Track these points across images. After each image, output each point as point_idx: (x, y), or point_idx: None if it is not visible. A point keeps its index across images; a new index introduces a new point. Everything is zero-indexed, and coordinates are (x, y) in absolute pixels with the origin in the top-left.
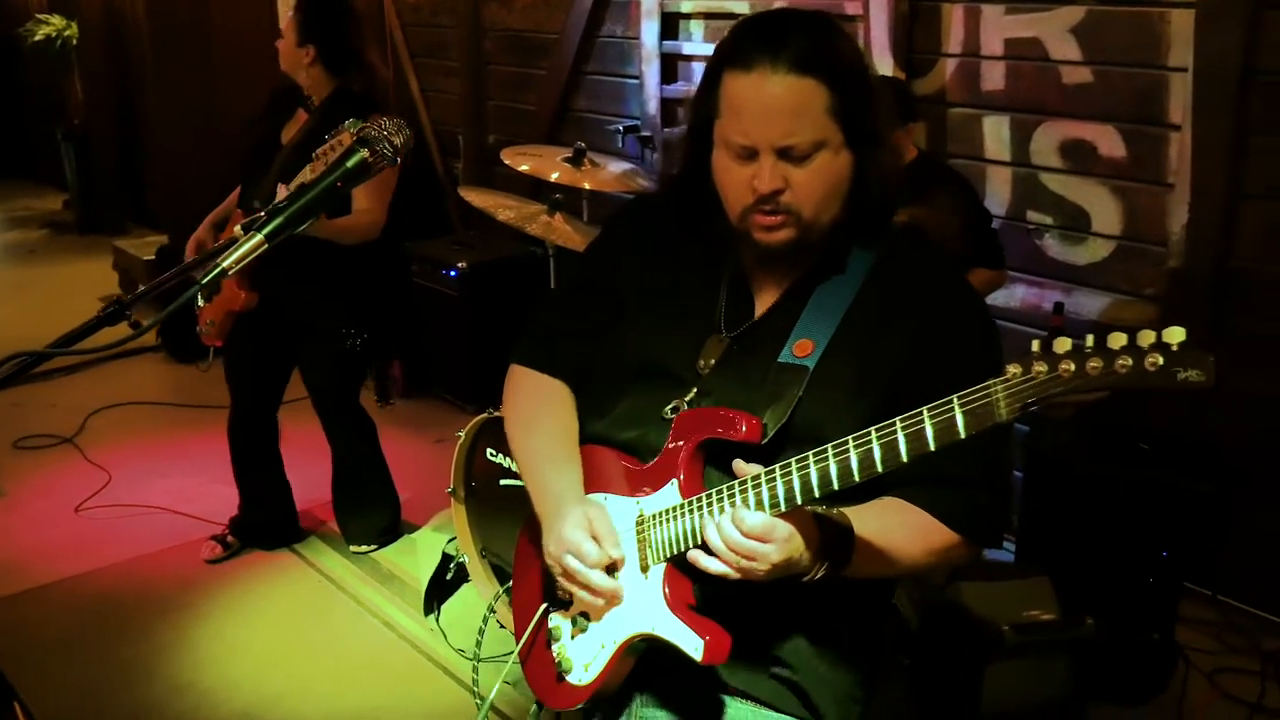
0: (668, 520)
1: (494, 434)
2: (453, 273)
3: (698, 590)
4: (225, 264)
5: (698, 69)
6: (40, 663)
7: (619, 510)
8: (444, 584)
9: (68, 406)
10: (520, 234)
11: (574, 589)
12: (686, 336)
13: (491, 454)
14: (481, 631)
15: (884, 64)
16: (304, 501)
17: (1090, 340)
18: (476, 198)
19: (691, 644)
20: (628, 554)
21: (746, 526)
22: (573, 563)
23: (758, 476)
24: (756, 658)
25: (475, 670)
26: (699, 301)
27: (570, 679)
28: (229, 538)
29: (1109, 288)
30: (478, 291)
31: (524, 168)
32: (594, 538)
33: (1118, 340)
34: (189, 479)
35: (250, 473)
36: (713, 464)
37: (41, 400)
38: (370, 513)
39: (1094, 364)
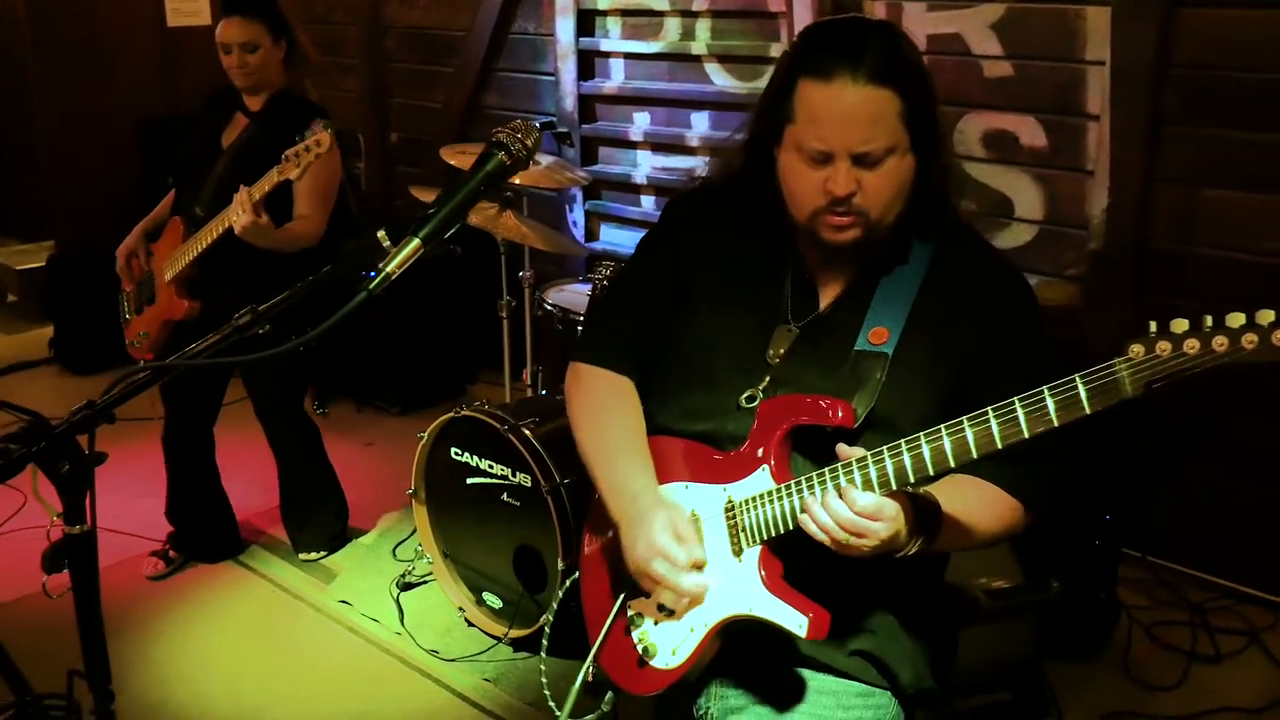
0: (763, 504)
1: (459, 433)
2: (372, 274)
3: (790, 570)
4: (389, 268)
5: (615, 65)
6: None
7: (703, 498)
8: (410, 588)
9: None
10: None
11: (661, 591)
12: (754, 328)
13: (457, 453)
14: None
15: None
16: (241, 512)
17: (1209, 320)
18: (430, 198)
19: (795, 621)
20: (718, 539)
21: (859, 506)
22: (662, 567)
23: (864, 458)
24: (840, 631)
25: (543, 674)
26: (764, 294)
27: (655, 663)
28: (170, 552)
29: (1033, 270)
30: (397, 293)
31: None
32: (678, 540)
33: (1237, 319)
34: (113, 495)
35: (188, 487)
36: (796, 450)
37: None
38: (320, 519)
39: (1219, 341)
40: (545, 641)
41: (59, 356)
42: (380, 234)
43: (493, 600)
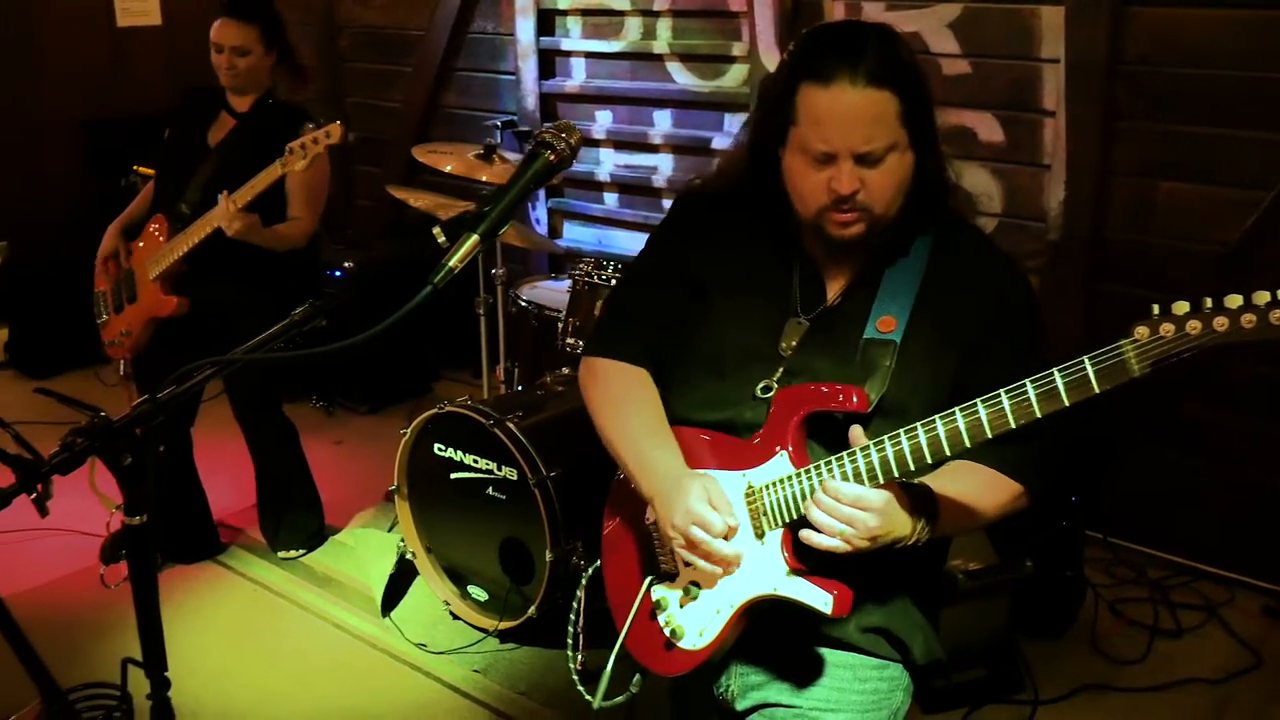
0: (782, 488)
1: (442, 430)
2: (337, 273)
3: (812, 551)
4: (451, 262)
5: (576, 64)
6: None
7: (725, 484)
8: (397, 586)
9: None
10: (401, 233)
11: (696, 559)
12: (766, 320)
13: (440, 449)
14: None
15: (771, 59)
16: (217, 512)
17: (1209, 301)
18: (413, 198)
19: (820, 599)
20: (740, 523)
21: (843, 495)
22: (698, 533)
23: (879, 442)
24: (855, 609)
25: (571, 661)
26: (773, 288)
27: (683, 645)
28: None
29: None
30: (364, 292)
31: (448, 168)
32: (713, 507)
33: (1234, 300)
34: (81, 498)
35: (167, 490)
36: (810, 437)
37: None
38: (298, 517)
39: (1220, 321)
40: (571, 629)
41: (14, 360)
42: (435, 230)
43: (478, 593)
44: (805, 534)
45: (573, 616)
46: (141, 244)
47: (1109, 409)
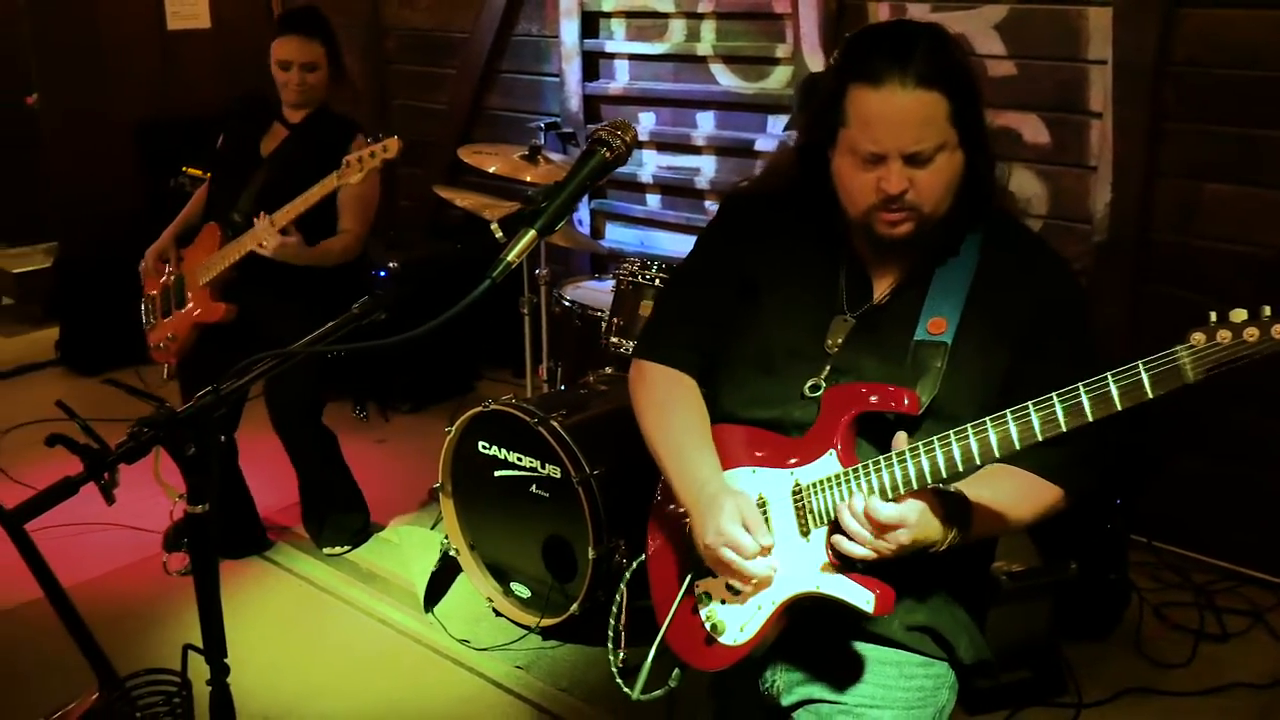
0: (830, 487)
1: (486, 427)
2: (382, 272)
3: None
4: (509, 257)
5: (620, 66)
6: (28, 689)
7: (771, 481)
8: (440, 581)
9: None
10: (442, 233)
11: (728, 576)
12: (812, 318)
13: (484, 447)
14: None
15: (815, 60)
16: (263, 509)
17: (1267, 310)
18: (458, 198)
19: (862, 598)
20: (785, 520)
21: (881, 517)
22: (729, 554)
23: (929, 443)
24: (900, 607)
25: (618, 665)
26: (821, 286)
27: (723, 640)
28: None
29: None
30: (407, 291)
31: (492, 169)
32: (745, 528)
33: None
34: (130, 493)
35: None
36: (860, 436)
37: None
38: (341, 517)
39: (1279, 329)
40: (613, 624)
41: (65, 358)
42: (493, 226)
43: (521, 590)
44: (837, 539)
45: (615, 610)
46: (194, 251)
47: (1155, 414)
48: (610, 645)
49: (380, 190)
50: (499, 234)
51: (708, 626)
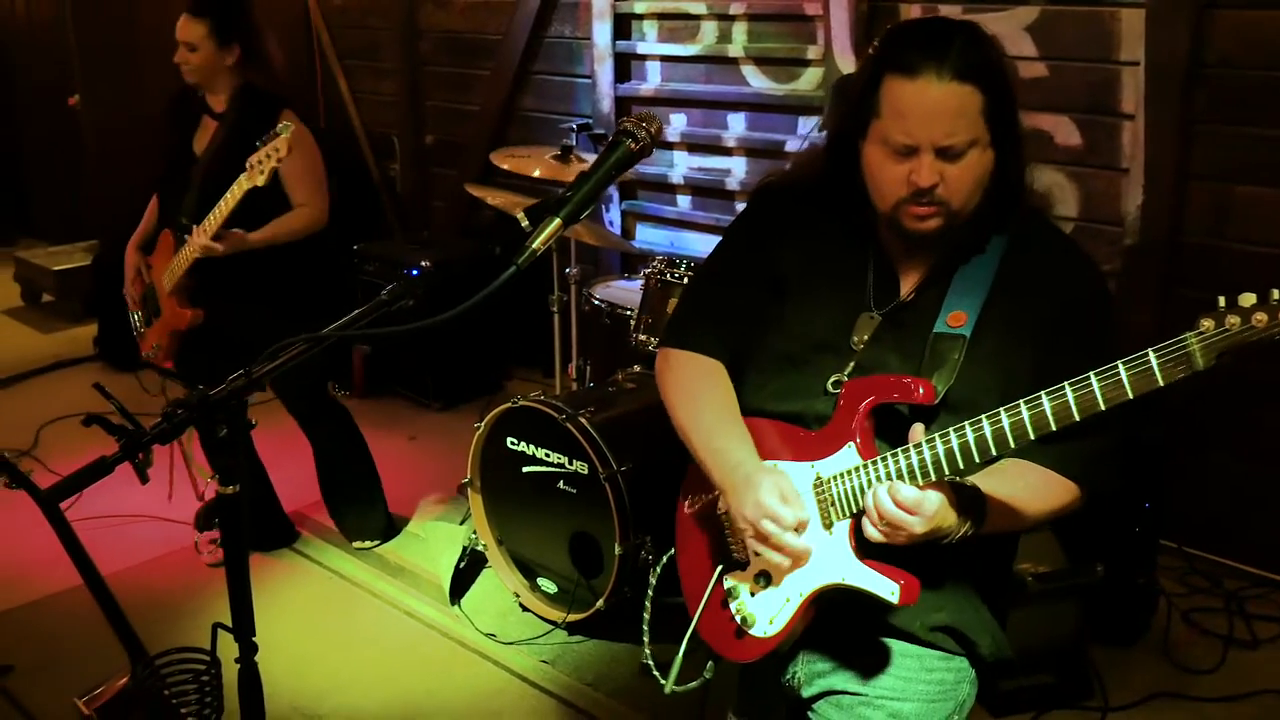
0: (850, 479)
1: (515, 424)
2: (414, 271)
3: (874, 547)
4: (534, 244)
5: (651, 68)
6: (61, 675)
7: (794, 474)
8: (462, 575)
9: (12, 421)
10: (475, 233)
11: (766, 551)
12: (839, 315)
13: (513, 443)
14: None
15: (845, 63)
16: (294, 503)
17: (1276, 293)
18: (490, 196)
19: (887, 588)
20: (809, 513)
21: (900, 498)
22: (769, 526)
23: (945, 434)
24: (922, 605)
25: (646, 650)
26: (848, 282)
27: (753, 632)
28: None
29: None
30: (439, 290)
31: (536, 172)
32: (784, 501)
33: None
34: (165, 486)
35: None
36: (879, 434)
37: None
38: (365, 505)
39: None
40: (646, 615)
41: (103, 354)
42: (519, 215)
43: (547, 585)
44: (864, 521)
45: (647, 604)
46: (157, 259)
47: (1185, 417)
48: (645, 638)
49: (318, 153)
50: (525, 222)
51: (738, 619)
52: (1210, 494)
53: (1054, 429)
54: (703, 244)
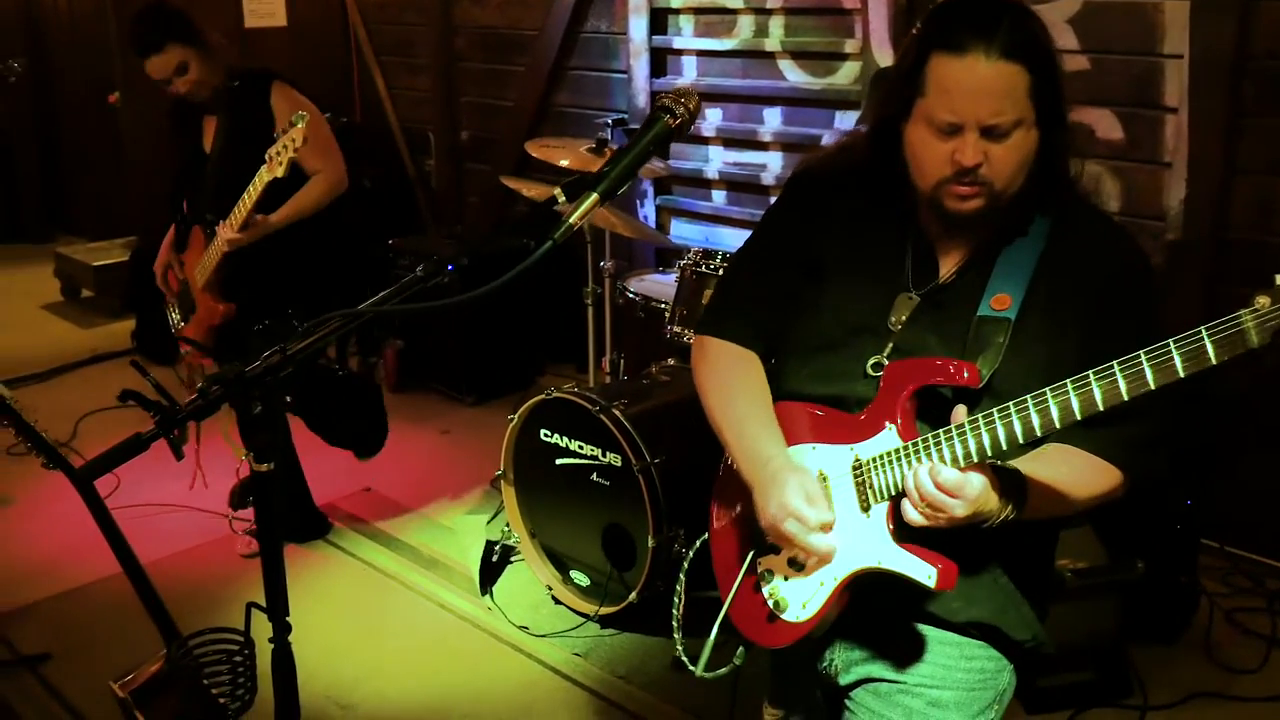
0: (891, 462)
1: (548, 416)
2: (449, 267)
3: (914, 533)
4: (572, 219)
5: (688, 62)
6: (96, 661)
7: (831, 457)
8: (491, 566)
9: (51, 413)
10: (510, 229)
11: (790, 551)
12: (877, 296)
13: (546, 435)
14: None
15: (884, 55)
16: (327, 495)
17: None
18: (525, 188)
19: (924, 572)
20: (846, 496)
21: (941, 479)
22: (794, 526)
23: (988, 415)
24: (960, 594)
25: (677, 637)
26: (887, 263)
27: (786, 617)
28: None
29: None
30: (473, 285)
31: (564, 162)
32: (809, 502)
33: None
34: (198, 477)
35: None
36: (920, 417)
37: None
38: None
39: None
40: (678, 601)
41: (140, 347)
42: (556, 191)
43: (580, 578)
44: (902, 504)
45: (679, 588)
46: (189, 256)
47: (1230, 412)
48: (675, 625)
49: (323, 119)
50: (562, 198)
51: (770, 604)
52: (1253, 493)
53: (1101, 410)
54: (737, 239)
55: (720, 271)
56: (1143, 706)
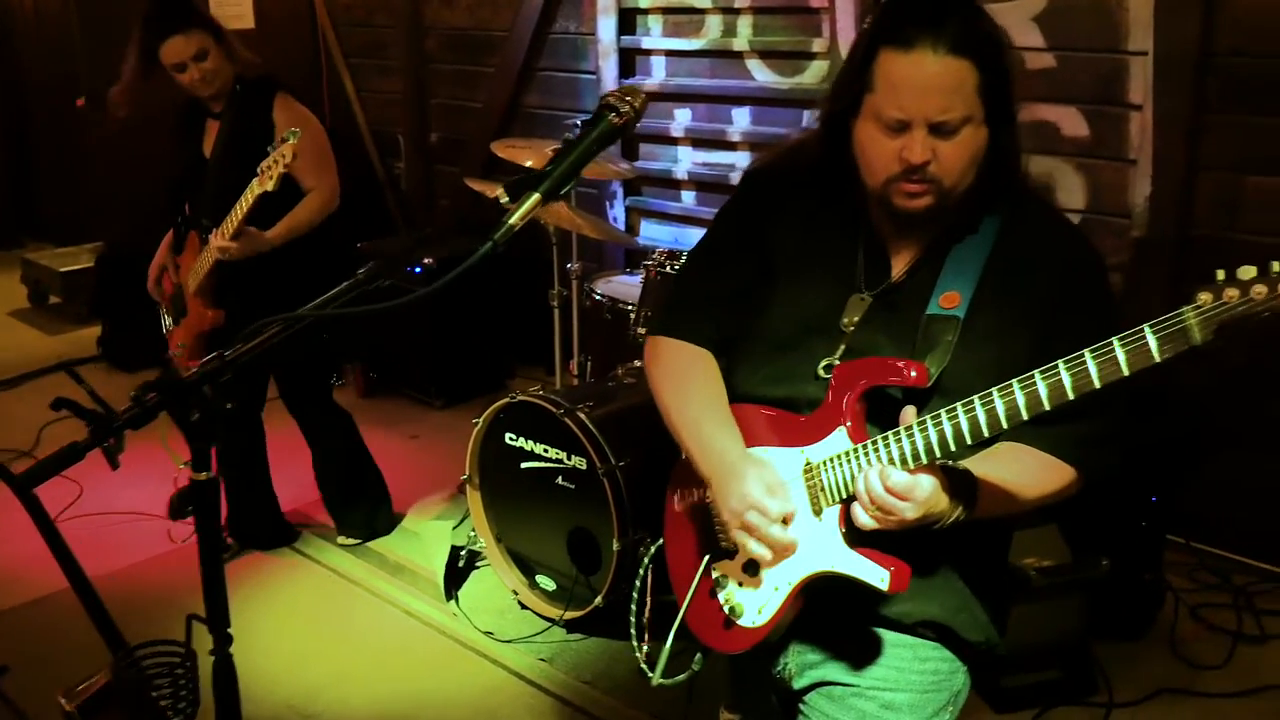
0: (841, 464)
1: (513, 419)
2: (418, 269)
3: (865, 535)
4: (512, 220)
5: (656, 63)
6: (61, 673)
7: (783, 461)
8: (457, 572)
9: (13, 422)
10: (478, 230)
11: (751, 543)
12: (829, 297)
13: (511, 439)
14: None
15: None
16: (294, 501)
17: (1276, 265)
18: (489, 190)
19: (877, 575)
20: (798, 500)
21: (891, 483)
22: (755, 518)
23: (936, 416)
24: (913, 596)
25: (635, 645)
26: (838, 263)
27: (742, 623)
28: (228, 539)
29: None
30: (443, 288)
31: (529, 163)
32: (769, 493)
33: None
34: (165, 486)
35: (240, 479)
36: (870, 419)
37: None
38: (359, 504)
39: None
40: (635, 608)
41: (107, 354)
42: (499, 190)
43: (546, 583)
44: (852, 508)
45: (635, 595)
46: (184, 259)
47: (1194, 409)
48: (633, 631)
49: (324, 134)
50: (504, 198)
51: (726, 609)
52: (1218, 489)
53: (1048, 408)
54: None
55: None
56: (1108, 704)
